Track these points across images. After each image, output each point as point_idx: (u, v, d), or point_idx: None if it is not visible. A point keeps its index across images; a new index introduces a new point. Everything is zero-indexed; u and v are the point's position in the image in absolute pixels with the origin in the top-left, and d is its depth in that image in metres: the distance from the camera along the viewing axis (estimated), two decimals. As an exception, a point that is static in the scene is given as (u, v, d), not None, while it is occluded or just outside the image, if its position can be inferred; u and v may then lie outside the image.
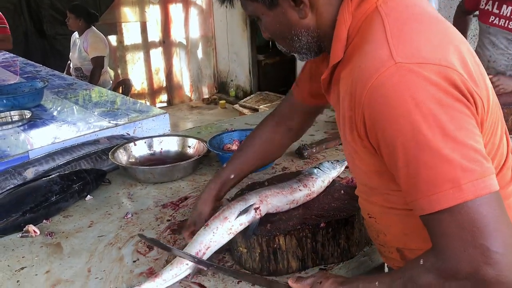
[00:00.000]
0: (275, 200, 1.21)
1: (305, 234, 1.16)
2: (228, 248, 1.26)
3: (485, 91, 0.83)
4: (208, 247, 1.15)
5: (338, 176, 1.43)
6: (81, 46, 4.41)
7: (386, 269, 1.41)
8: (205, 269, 1.14)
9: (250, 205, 1.17)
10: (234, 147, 1.92)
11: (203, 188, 1.35)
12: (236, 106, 7.04)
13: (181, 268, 1.13)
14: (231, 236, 1.17)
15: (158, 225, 1.45)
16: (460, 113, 0.74)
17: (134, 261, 1.26)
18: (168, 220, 1.47)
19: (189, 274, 1.14)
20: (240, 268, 1.20)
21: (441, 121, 0.73)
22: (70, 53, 4.61)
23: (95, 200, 1.65)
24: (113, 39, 6.91)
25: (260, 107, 6.36)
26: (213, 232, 1.15)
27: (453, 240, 0.74)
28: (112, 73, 6.33)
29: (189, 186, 1.73)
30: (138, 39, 7.26)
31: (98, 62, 4.41)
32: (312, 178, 1.31)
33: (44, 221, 1.49)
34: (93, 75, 4.41)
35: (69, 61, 4.70)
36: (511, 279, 0.71)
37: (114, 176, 1.83)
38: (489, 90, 0.86)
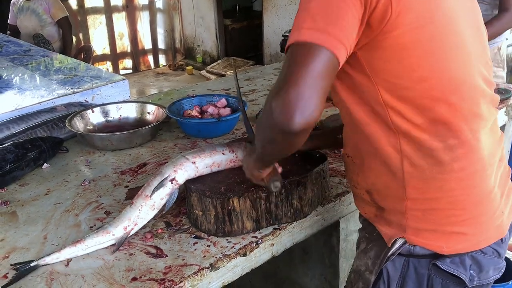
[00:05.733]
0: (190, 167, 1.22)
1: (258, 195, 1.19)
2: (185, 211, 1.28)
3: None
4: (136, 224, 1.19)
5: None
6: (39, 9, 4.25)
7: (344, 226, 1.48)
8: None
9: (164, 178, 1.19)
10: (194, 113, 1.91)
11: None
12: (203, 72, 6.96)
13: (106, 237, 1.16)
14: (156, 211, 1.21)
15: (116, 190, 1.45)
16: None
17: (91, 227, 1.27)
18: (126, 186, 1.48)
19: (114, 244, 1.16)
20: (196, 230, 1.23)
21: None
22: (19, 21, 4.39)
23: (52, 168, 1.63)
24: (73, 3, 6.65)
25: (227, 73, 6.31)
26: (139, 210, 1.19)
27: (279, 75, 0.83)
28: (74, 38, 6.11)
29: (148, 152, 1.73)
30: (100, 3, 7.01)
31: (67, 23, 4.35)
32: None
33: (-1, 190, 1.48)
34: (68, 38, 4.34)
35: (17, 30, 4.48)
36: (279, 120, 0.81)
37: (72, 144, 1.81)
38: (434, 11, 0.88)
